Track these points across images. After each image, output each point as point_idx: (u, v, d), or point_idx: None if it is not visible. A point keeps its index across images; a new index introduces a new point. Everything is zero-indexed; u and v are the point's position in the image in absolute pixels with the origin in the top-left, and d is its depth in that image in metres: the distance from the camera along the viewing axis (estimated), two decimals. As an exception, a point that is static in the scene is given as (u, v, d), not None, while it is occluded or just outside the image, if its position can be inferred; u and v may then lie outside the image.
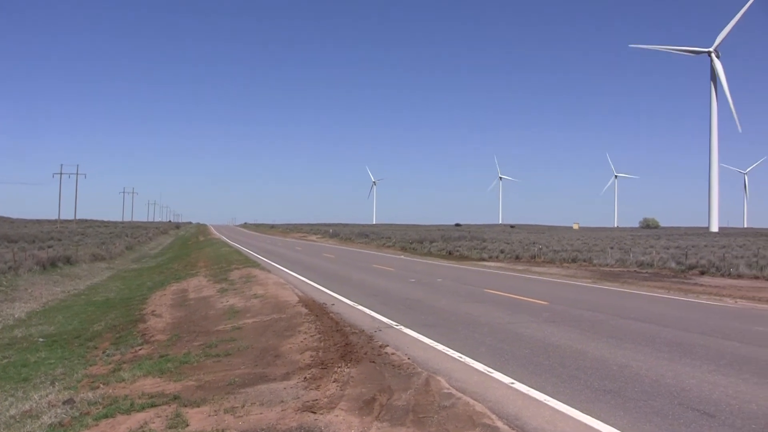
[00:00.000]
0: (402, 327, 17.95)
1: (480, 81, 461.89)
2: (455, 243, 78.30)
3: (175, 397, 11.28)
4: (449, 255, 65.54)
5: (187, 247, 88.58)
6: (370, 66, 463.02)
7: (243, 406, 10.40)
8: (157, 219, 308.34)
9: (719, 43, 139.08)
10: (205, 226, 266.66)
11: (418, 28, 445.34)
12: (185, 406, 10.65)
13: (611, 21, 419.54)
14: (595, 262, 50.15)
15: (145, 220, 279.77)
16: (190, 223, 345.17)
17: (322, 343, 15.32)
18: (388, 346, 14.99)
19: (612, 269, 45.06)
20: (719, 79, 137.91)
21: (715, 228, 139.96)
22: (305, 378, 12.04)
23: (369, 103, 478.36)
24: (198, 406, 10.61)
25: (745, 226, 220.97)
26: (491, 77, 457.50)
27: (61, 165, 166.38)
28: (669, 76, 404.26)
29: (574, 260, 52.45)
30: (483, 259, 58.33)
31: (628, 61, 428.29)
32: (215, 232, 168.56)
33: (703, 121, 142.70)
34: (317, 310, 21.14)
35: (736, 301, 25.67)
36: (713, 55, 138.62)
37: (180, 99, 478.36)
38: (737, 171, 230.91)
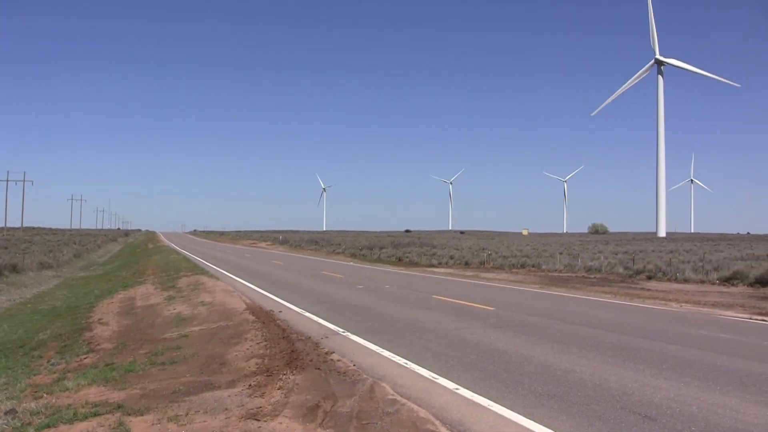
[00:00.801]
0: (349, 333, 18.00)
1: (429, 87, 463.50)
2: (405, 249, 78.39)
3: (119, 406, 11.19)
4: (399, 261, 65.66)
5: (135, 255, 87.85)
6: (318, 72, 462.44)
7: (187, 414, 10.35)
8: (106, 226, 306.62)
9: (668, 62, 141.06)
10: (154, 233, 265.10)
11: (365, 34, 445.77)
12: (129, 415, 10.57)
13: (556, 27, 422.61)
14: (543, 267, 50.45)
15: (93, 227, 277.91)
16: (140, 230, 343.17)
17: (268, 351, 15.30)
18: (334, 352, 15.01)
19: (560, 274, 45.36)
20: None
21: (662, 233, 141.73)
22: (250, 385, 12.01)
23: (318, 110, 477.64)
24: (142, 415, 10.53)
25: (692, 231, 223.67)
26: (439, 83, 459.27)
27: (8, 172, 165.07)
28: (620, 80, 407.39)
29: (523, 266, 52.74)
30: (432, 266, 58.44)
31: (578, 64, 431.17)
32: (165, 239, 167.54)
33: (653, 128, 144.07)
34: (264, 317, 21.10)
35: (681, 306, 25.95)
36: (661, 60, 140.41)
37: (128, 105, 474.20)
38: (685, 178, 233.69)
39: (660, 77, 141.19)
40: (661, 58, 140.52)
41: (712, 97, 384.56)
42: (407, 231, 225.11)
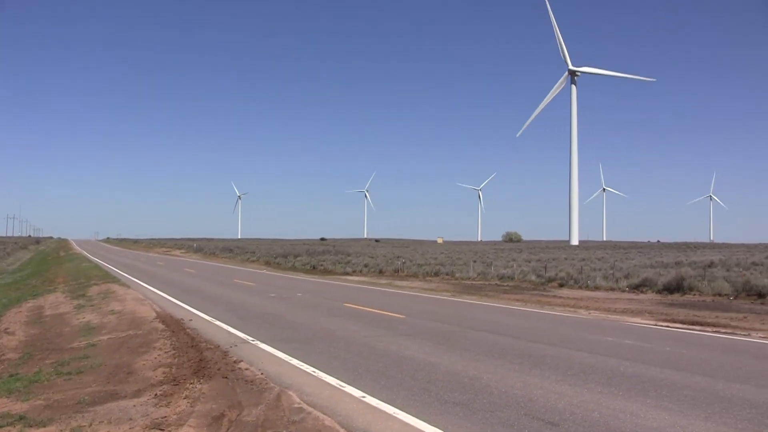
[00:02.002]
0: (258, 342, 17.94)
1: (345, 94, 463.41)
2: (320, 257, 78.34)
3: (21, 417, 10.99)
4: (313, 269, 65.54)
5: (46, 263, 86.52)
6: (231, 76, 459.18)
7: (90, 425, 10.22)
8: (17, 234, 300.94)
9: (581, 70, 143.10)
10: (66, 241, 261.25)
11: (282, 41, 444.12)
12: (31, 427, 10.40)
13: (474, 35, 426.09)
14: (457, 275, 50.75)
15: (3, 235, 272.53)
16: (52, 238, 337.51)
17: (176, 360, 15.22)
18: (242, 361, 14.96)
19: (474, 282, 45.66)
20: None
21: (575, 241, 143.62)
22: (156, 395, 11.92)
23: (232, 116, 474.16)
24: (44, 426, 10.37)
25: (604, 239, 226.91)
26: (355, 91, 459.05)
27: None
28: (534, 94, 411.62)
29: (436, 274, 52.99)
30: (347, 274, 58.46)
31: (494, 72, 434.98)
32: (77, 247, 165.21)
33: (567, 136, 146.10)
34: (174, 325, 20.98)
35: (589, 313, 26.34)
36: (573, 71, 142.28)
37: (39, 110, 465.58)
38: (599, 186, 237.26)
39: (573, 87, 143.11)
40: (574, 68, 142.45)
41: (624, 107, 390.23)
42: (322, 239, 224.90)
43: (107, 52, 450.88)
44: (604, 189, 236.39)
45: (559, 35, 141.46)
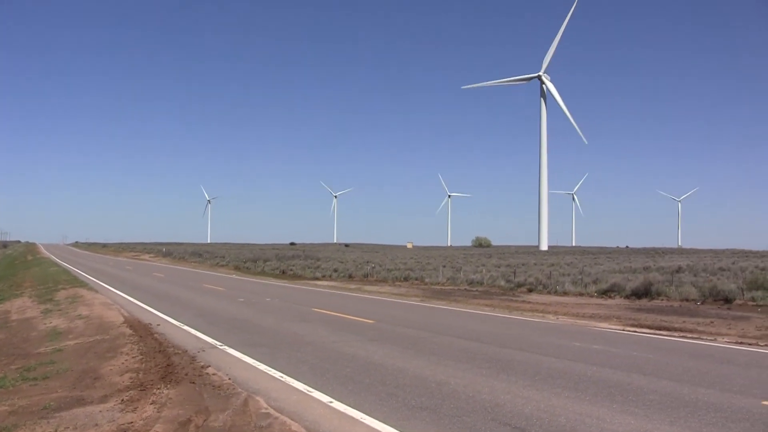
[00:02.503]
0: (226, 347, 17.90)
1: (315, 100, 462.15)
2: (289, 262, 78.31)
3: (-15, 423, 10.94)
4: (283, 274, 65.46)
5: (13, 267, 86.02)
6: (201, 82, 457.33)
7: (56, 431, 10.17)
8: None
9: (547, 66, 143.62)
10: (34, 245, 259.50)
11: (250, 45, 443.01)
12: (-5, 433, 10.36)
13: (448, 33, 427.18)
14: (426, 280, 50.81)
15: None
16: (19, 242, 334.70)
17: (143, 365, 15.17)
18: (210, 366, 14.93)
19: (443, 287, 45.71)
20: (554, 99, 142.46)
21: (544, 246, 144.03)
22: (123, 400, 11.87)
23: (202, 121, 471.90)
24: (9, 432, 10.33)
25: (574, 244, 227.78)
26: (327, 97, 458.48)
27: None
28: (503, 100, 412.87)
29: (406, 279, 53.02)
30: (316, 278, 58.46)
31: (463, 76, 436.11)
32: (45, 251, 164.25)
33: (535, 142, 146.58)
34: (142, 330, 20.92)
35: (558, 318, 26.44)
36: (543, 77, 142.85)
37: (6, 113, 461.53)
38: (567, 192, 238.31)
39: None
40: (539, 73, 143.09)
41: (591, 112, 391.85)
42: (292, 244, 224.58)
43: (74, 53, 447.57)
44: (573, 195, 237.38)
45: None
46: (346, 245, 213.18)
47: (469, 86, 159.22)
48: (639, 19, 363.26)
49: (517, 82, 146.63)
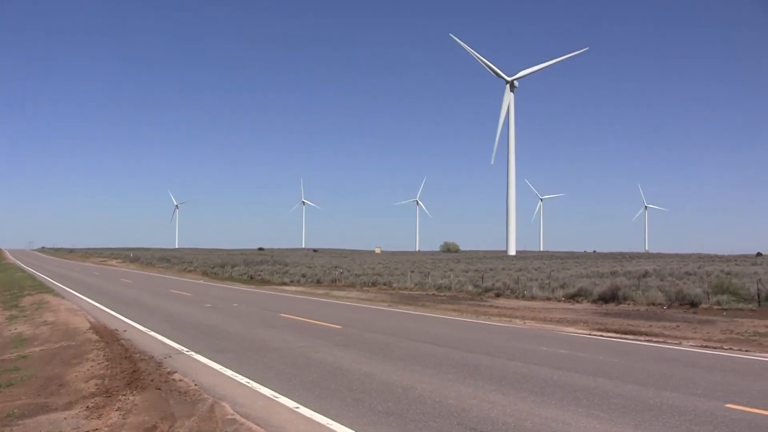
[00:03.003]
0: (193, 353, 17.86)
1: (283, 104, 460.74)
2: (257, 267, 78.11)
3: (-53, 432, 10.85)
4: (251, 279, 65.33)
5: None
6: (168, 87, 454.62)
7: (19, 438, 10.12)
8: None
9: (519, 77, 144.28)
10: (0, 250, 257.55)
11: (216, 48, 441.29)
12: (-43, 441, 10.28)
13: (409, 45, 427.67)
14: (394, 285, 50.81)
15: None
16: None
17: (109, 371, 15.09)
18: (176, 372, 14.88)
19: (411, 292, 45.73)
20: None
21: (512, 251, 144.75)
22: (88, 407, 11.79)
23: (170, 125, 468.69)
24: (-29, 440, 10.25)
25: (541, 249, 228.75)
26: (294, 103, 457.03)
27: None
28: (476, 103, 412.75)
29: (374, 284, 53.01)
30: (284, 284, 58.32)
31: (426, 82, 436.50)
32: (11, 257, 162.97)
33: (505, 147, 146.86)
34: (108, 336, 20.83)
35: (525, 323, 26.51)
36: (508, 87, 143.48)
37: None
38: (535, 193, 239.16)
39: (512, 95, 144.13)
40: (511, 78, 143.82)
41: (561, 115, 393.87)
42: (260, 249, 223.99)
43: (37, 57, 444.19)
44: (541, 199, 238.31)
45: (482, 59, 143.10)
46: (315, 250, 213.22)
47: (492, 160, 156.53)
48: (628, 24, 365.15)
49: (490, 71, 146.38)
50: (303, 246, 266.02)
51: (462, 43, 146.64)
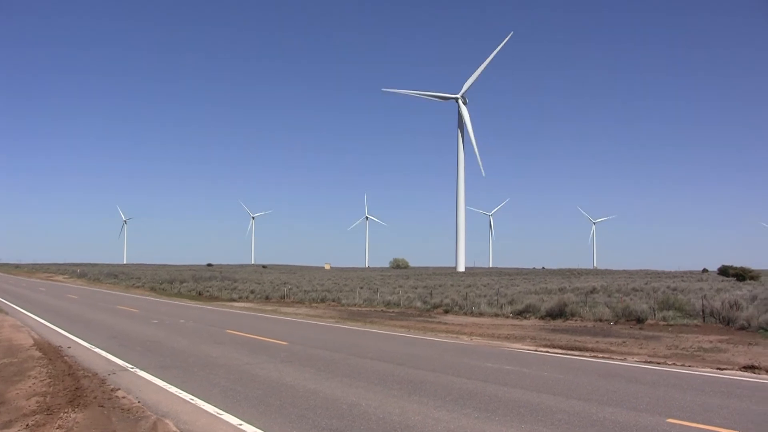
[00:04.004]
0: (137, 369, 17.69)
1: (232, 118, 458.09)
2: (206, 283, 77.86)
3: None
4: (199, 296, 65.08)
5: None
6: (116, 100, 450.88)
7: (-45, 458, 9.97)
8: None
9: (466, 90, 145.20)
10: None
11: (162, 60, 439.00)
12: None
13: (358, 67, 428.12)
14: (343, 301, 50.85)
15: None
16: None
17: (51, 388, 14.89)
18: (120, 389, 14.73)
19: (360, 309, 45.79)
20: (465, 124, 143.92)
21: (462, 268, 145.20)
22: (28, 425, 11.62)
23: (119, 139, 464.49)
24: None
25: (491, 265, 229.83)
26: (245, 117, 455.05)
27: None
28: (422, 120, 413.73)
29: (323, 300, 53.06)
30: (233, 300, 58.19)
31: (380, 106, 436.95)
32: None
33: (453, 164, 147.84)
34: (52, 353, 20.57)
35: (472, 339, 26.61)
36: (460, 101, 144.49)
37: None
38: (483, 213, 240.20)
39: (465, 108, 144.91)
40: (456, 96, 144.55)
41: (510, 133, 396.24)
42: (209, 265, 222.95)
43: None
44: (489, 215, 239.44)
45: (424, 94, 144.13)
46: (264, 266, 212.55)
47: (389, 90, 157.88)
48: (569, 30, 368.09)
49: (436, 98, 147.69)
50: (252, 262, 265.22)
51: (398, 91, 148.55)
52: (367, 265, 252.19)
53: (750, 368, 18.61)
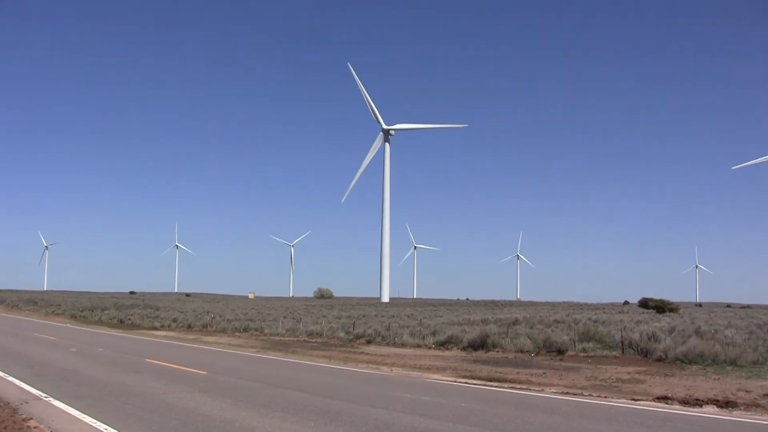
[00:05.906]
0: (51, 399, 17.41)
1: (157, 146, 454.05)
2: (128, 311, 76.92)
3: None
4: (120, 324, 64.25)
5: None
6: (39, 124, 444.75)
7: None
8: None
9: (395, 128, 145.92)
10: None
11: (94, 92, 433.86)
12: None
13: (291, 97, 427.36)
14: (266, 331, 50.54)
15: None
16: None
17: (-41, 419, 14.60)
18: (32, 419, 14.51)
19: (282, 338, 45.57)
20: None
21: (386, 298, 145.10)
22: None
23: (40, 164, 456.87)
24: None
25: (415, 296, 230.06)
26: (162, 144, 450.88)
27: None
28: (352, 148, 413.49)
29: (245, 329, 52.65)
30: (155, 328, 57.58)
31: (312, 132, 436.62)
32: None
33: (380, 195, 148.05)
34: (-38, 383, 20.16)
35: (392, 370, 26.66)
36: (384, 134, 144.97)
37: None
38: (410, 245, 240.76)
39: (387, 146, 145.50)
40: (387, 127, 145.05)
41: (435, 166, 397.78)
42: (132, 293, 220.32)
43: None
44: (415, 247, 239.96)
45: (368, 98, 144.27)
46: (187, 295, 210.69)
47: (344, 197, 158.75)
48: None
49: (375, 151, 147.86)
50: (176, 290, 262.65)
51: (356, 76, 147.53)
52: (291, 295, 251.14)
53: (663, 399, 18.98)
